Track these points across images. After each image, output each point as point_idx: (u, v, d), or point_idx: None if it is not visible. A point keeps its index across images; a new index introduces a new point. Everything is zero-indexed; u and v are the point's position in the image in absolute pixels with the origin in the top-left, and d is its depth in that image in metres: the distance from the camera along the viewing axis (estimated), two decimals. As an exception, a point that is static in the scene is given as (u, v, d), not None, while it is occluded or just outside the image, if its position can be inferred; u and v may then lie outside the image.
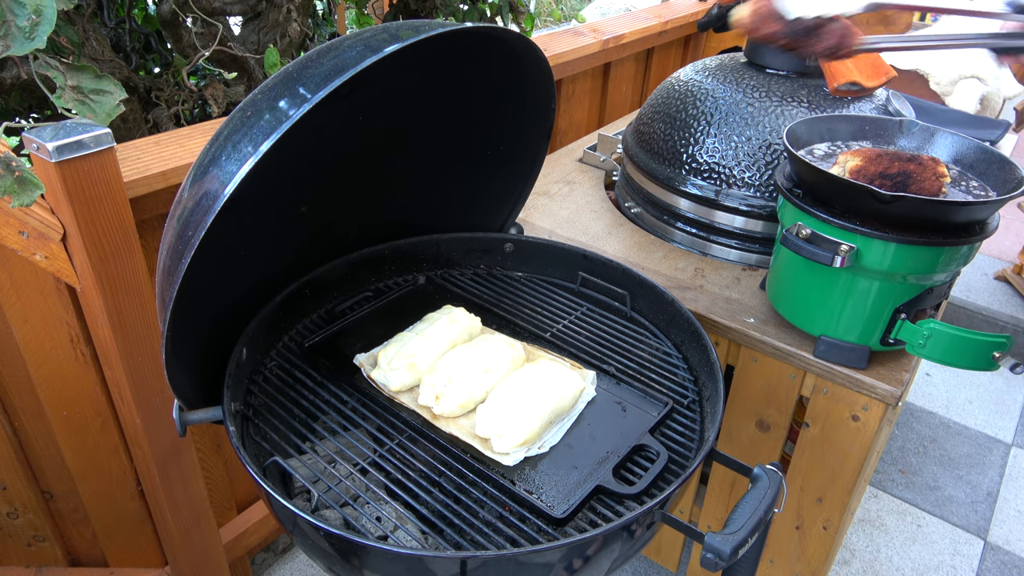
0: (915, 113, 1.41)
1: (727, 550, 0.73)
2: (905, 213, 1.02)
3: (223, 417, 0.89)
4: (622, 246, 1.52)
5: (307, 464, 0.90)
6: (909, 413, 2.52)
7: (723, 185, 1.42)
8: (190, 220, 0.76)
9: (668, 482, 0.88)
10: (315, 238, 1.15)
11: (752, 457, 1.38)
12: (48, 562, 1.46)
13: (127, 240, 1.11)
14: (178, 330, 0.82)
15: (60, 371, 1.24)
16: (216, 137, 0.80)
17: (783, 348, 1.23)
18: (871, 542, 2.02)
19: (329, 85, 0.74)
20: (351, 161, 1.11)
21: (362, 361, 1.04)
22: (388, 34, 0.81)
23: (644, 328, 1.17)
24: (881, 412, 1.19)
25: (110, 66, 1.52)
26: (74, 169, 0.99)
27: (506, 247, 1.30)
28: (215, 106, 1.63)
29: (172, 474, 1.35)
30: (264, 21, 1.71)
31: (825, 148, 1.26)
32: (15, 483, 1.34)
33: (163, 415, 1.29)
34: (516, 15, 2.20)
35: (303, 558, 1.88)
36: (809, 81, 1.46)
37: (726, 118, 1.43)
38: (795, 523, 1.39)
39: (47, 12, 0.80)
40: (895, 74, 1.41)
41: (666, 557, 1.70)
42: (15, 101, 1.60)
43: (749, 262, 1.46)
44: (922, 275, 1.08)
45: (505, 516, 0.84)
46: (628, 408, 0.99)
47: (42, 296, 1.16)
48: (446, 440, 0.93)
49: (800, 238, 1.09)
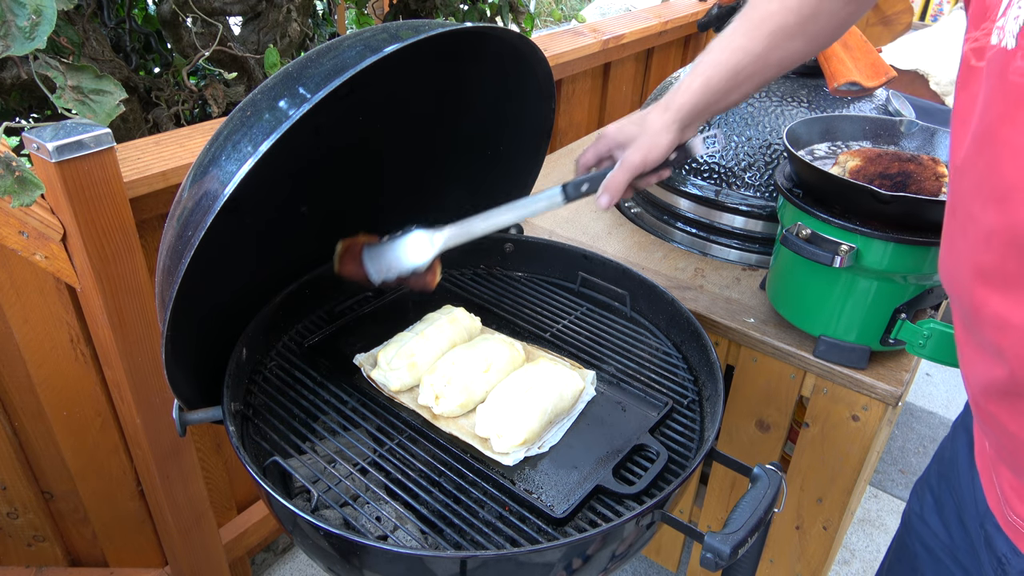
0: (915, 113, 1.41)
1: (727, 550, 0.73)
2: (905, 213, 1.02)
3: (223, 417, 0.89)
4: (622, 246, 1.52)
5: (307, 464, 0.90)
6: (909, 413, 2.51)
7: (723, 185, 1.42)
8: (190, 220, 0.76)
9: (668, 482, 0.88)
10: (315, 238, 1.15)
11: (752, 457, 1.38)
12: (48, 562, 1.46)
13: (127, 240, 1.11)
14: (178, 330, 0.82)
15: (60, 371, 1.24)
16: (216, 137, 0.80)
17: (783, 348, 1.23)
18: (871, 542, 2.02)
19: (329, 85, 0.74)
20: (351, 161, 1.11)
21: (362, 361, 1.04)
22: (388, 34, 0.81)
23: (644, 328, 1.17)
24: (881, 412, 1.19)
25: (110, 66, 1.52)
26: (74, 169, 0.99)
27: (506, 247, 1.30)
28: (215, 106, 1.63)
29: (172, 474, 1.35)
30: (264, 21, 1.71)
31: (825, 148, 1.26)
32: (15, 483, 1.34)
33: (163, 415, 1.29)
34: (516, 15, 2.20)
35: (303, 558, 1.88)
36: (809, 81, 1.46)
37: (726, 118, 1.43)
38: (795, 523, 1.39)
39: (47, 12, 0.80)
40: (895, 74, 1.41)
41: (666, 557, 1.70)
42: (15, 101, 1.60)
43: (749, 262, 1.46)
44: (922, 275, 1.08)
45: (505, 516, 0.84)
46: (628, 408, 0.99)
47: (42, 296, 1.16)
48: (446, 440, 0.93)
49: (800, 238, 1.09)
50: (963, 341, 0.70)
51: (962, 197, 0.63)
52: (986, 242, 0.59)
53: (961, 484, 0.86)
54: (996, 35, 0.56)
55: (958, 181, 0.63)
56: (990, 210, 0.58)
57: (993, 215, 0.57)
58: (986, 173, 0.58)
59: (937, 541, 0.92)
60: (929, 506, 0.94)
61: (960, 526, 0.87)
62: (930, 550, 0.93)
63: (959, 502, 0.87)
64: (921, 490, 0.97)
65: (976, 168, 0.59)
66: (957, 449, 0.89)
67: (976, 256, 0.61)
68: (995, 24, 0.56)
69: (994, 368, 0.62)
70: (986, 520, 0.77)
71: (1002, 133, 0.55)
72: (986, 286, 0.60)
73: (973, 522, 0.82)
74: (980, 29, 0.59)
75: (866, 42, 1.40)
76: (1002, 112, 0.55)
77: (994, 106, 0.56)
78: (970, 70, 0.61)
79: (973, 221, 0.60)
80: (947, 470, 0.91)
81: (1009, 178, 0.55)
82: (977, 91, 0.59)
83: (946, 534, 0.90)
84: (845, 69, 1.34)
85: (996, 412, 0.66)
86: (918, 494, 0.98)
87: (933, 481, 0.94)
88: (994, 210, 0.57)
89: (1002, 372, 0.61)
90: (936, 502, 0.92)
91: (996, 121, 0.55)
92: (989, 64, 0.57)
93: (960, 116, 0.63)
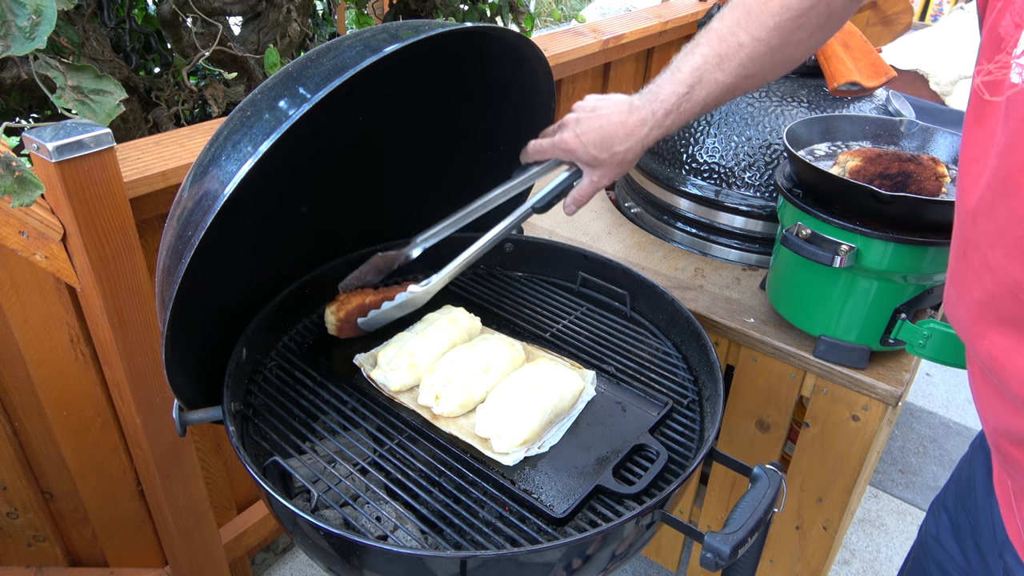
0: (915, 113, 1.41)
1: (727, 550, 0.73)
2: (905, 213, 1.02)
3: (223, 417, 0.89)
4: (622, 246, 1.52)
5: (307, 464, 0.90)
6: (909, 413, 2.51)
7: (723, 185, 1.42)
8: (190, 220, 0.76)
9: (668, 482, 0.88)
10: (315, 238, 1.15)
11: (752, 457, 1.38)
12: (48, 562, 1.46)
13: (127, 240, 1.11)
14: (178, 330, 0.82)
15: (60, 371, 1.24)
16: (216, 137, 0.80)
17: (783, 348, 1.23)
18: (871, 542, 2.02)
19: (329, 85, 0.74)
20: (351, 161, 1.11)
21: (362, 361, 1.04)
22: (388, 34, 0.81)
23: (644, 328, 1.17)
24: (881, 412, 1.19)
25: (110, 66, 1.52)
26: (74, 169, 0.99)
27: (506, 247, 1.30)
28: (215, 106, 1.63)
29: (172, 474, 1.35)
30: (264, 21, 1.71)
31: (825, 148, 1.26)
32: (15, 483, 1.34)
33: (163, 415, 1.29)
34: (516, 15, 2.20)
35: (303, 558, 1.88)
36: (809, 81, 1.46)
37: (726, 118, 1.43)
38: (795, 523, 1.39)
39: (47, 12, 0.80)
40: (895, 74, 1.41)
41: (666, 557, 1.70)
42: (15, 101, 1.60)
43: (749, 262, 1.46)
44: (922, 275, 1.08)
45: (505, 516, 0.84)
46: (628, 408, 0.99)
47: (42, 296, 1.16)
48: (446, 440, 0.93)
49: (800, 238, 1.09)
50: (980, 381, 0.67)
51: (977, 243, 0.59)
52: (1012, 295, 0.56)
53: (978, 508, 0.84)
54: (1016, 72, 0.53)
55: (971, 225, 0.60)
56: (1015, 263, 0.55)
57: (1018, 268, 0.54)
58: (1010, 222, 0.55)
59: (953, 564, 0.90)
60: (945, 528, 0.92)
61: (976, 550, 0.85)
62: (946, 573, 0.91)
63: (975, 526, 0.85)
64: (938, 510, 0.95)
65: (996, 215, 0.56)
66: (975, 471, 0.87)
67: (998, 308, 0.58)
68: (1012, 58, 0.54)
69: (1017, 420, 0.60)
70: (1005, 551, 0.75)
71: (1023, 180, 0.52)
72: (1009, 337, 0.58)
73: (991, 550, 0.80)
74: (994, 62, 0.56)
75: (866, 42, 1.41)
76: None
77: (1019, 151, 0.52)
78: (984, 105, 0.58)
79: (992, 271, 0.57)
80: (964, 492, 0.89)
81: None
82: (994, 129, 0.56)
83: (963, 558, 0.88)
84: (845, 69, 1.34)
85: (1017, 456, 0.63)
86: (935, 514, 0.96)
87: (950, 502, 0.92)
88: (1018, 263, 0.54)
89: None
90: (952, 524, 0.90)
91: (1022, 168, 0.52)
92: (1009, 104, 0.53)
93: (972, 154, 0.60)
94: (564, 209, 1.08)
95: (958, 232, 0.64)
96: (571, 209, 1.07)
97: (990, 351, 0.60)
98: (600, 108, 1.00)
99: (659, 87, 0.98)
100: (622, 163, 1.00)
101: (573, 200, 1.06)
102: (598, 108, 1.00)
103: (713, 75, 0.94)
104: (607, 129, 0.98)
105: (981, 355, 0.62)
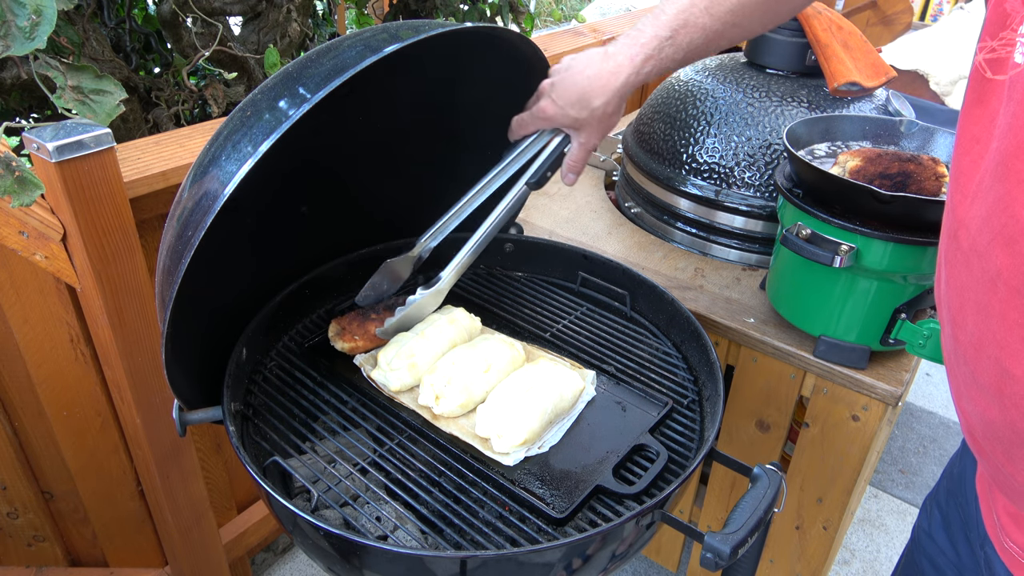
0: (915, 113, 1.41)
1: (727, 550, 0.73)
2: (905, 213, 1.02)
3: (223, 417, 0.89)
4: (622, 246, 1.52)
5: (307, 464, 0.90)
6: (909, 413, 2.52)
7: (723, 185, 1.42)
8: (190, 220, 0.76)
9: (668, 482, 0.88)
10: (315, 238, 1.15)
11: (752, 457, 1.38)
12: (48, 562, 1.46)
13: (127, 240, 1.11)
14: (178, 330, 0.82)
15: (60, 371, 1.24)
16: (216, 137, 0.80)
17: (783, 348, 1.23)
18: (871, 542, 2.02)
19: (329, 85, 0.74)
20: (351, 161, 1.11)
21: (362, 361, 1.04)
22: (388, 34, 0.81)
23: (644, 328, 1.17)
24: (881, 412, 1.19)
25: (110, 66, 1.52)
26: (74, 169, 0.99)
27: (506, 247, 1.30)
28: (215, 106, 1.63)
29: (172, 474, 1.35)
30: (264, 21, 1.71)
31: (825, 148, 1.26)
32: (15, 483, 1.34)
33: (163, 415, 1.29)
34: (516, 15, 2.20)
35: (303, 558, 1.88)
36: (809, 81, 1.46)
37: (726, 118, 1.43)
38: (795, 523, 1.39)
39: (47, 12, 0.80)
40: (895, 74, 1.41)
41: (666, 557, 1.70)
42: (15, 101, 1.60)
43: (749, 262, 1.46)
44: (922, 275, 1.08)
45: (505, 516, 0.84)
46: (628, 408, 0.99)
47: (42, 296, 1.16)
48: (446, 440, 0.93)
49: (800, 238, 1.09)
50: (954, 368, 0.65)
51: (967, 226, 0.58)
52: (992, 283, 0.55)
53: (968, 502, 0.84)
54: (1021, 52, 0.51)
55: (966, 207, 0.58)
56: (996, 249, 0.53)
57: (1000, 255, 0.53)
58: (997, 208, 0.53)
59: (944, 559, 0.90)
60: (937, 523, 0.92)
61: (967, 544, 0.85)
62: (938, 568, 0.91)
63: (966, 520, 0.85)
64: (930, 506, 0.95)
65: (987, 198, 0.54)
66: (965, 466, 0.87)
67: (980, 295, 0.57)
68: (1017, 35, 0.52)
69: (989, 409, 0.59)
70: (985, 544, 0.75)
71: (1017, 166, 0.50)
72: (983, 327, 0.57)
73: (976, 542, 0.80)
74: (998, 39, 0.54)
75: (866, 42, 1.41)
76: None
77: (1015, 136, 0.50)
78: (986, 83, 0.56)
79: (979, 256, 0.56)
80: (955, 487, 0.89)
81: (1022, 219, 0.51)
82: (996, 109, 0.54)
83: (953, 552, 0.88)
84: (845, 69, 1.34)
85: (991, 450, 0.63)
86: (927, 510, 0.96)
87: (942, 498, 0.93)
88: (1001, 250, 0.53)
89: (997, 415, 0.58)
90: (944, 519, 0.91)
91: (1016, 151, 0.50)
92: (1012, 85, 0.52)
93: (971, 134, 0.58)
94: (563, 180, 1.05)
95: (951, 212, 0.62)
96: (570, 179, 1.04)
97: (970, 339, 0.59)
98: (573, 66, 0.97)
99: (640, 31, 0.95)
100: (603, 118, 0.97)
101: (568, 168, 1.04)
102: (572, 66, 0.97)
103: (700, 19, 0.91)
104: (581, 85, 0.95)
105: (962, 341, 0.61)
